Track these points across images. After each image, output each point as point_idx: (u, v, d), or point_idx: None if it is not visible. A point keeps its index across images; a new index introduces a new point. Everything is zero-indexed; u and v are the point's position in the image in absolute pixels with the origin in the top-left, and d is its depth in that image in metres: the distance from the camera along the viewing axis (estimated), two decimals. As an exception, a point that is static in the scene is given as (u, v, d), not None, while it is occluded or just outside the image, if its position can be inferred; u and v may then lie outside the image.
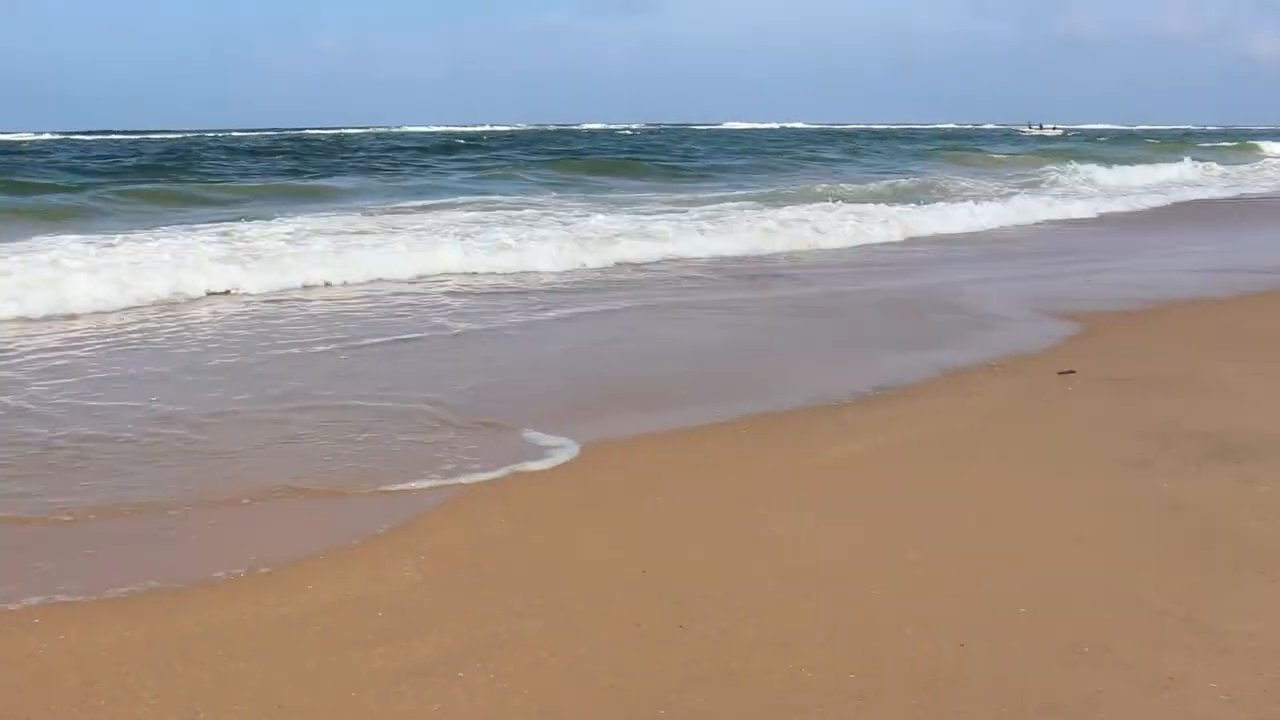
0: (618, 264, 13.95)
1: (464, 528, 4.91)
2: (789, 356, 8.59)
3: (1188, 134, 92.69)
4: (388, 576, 4.35)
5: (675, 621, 3.93)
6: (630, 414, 6.87)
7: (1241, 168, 38.56)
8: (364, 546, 4.68)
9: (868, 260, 14.81)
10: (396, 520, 4.99)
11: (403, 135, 77.64)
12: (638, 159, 38.45)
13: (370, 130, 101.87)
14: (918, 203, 20.99)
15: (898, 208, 19.57)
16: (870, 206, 19.57)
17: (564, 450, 6.03)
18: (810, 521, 4.89)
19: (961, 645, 3.68)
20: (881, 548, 4.56)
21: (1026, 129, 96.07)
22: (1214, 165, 36.30)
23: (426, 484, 5.48)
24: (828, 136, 72.61)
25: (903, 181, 28.16)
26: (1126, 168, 34.04)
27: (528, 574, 4.39)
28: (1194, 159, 36.59)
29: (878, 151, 47.72)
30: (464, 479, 5.55)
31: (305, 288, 11.93)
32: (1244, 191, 28.57)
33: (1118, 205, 23.23)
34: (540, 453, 5.99)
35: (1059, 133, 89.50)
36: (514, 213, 19.60)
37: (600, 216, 17.98)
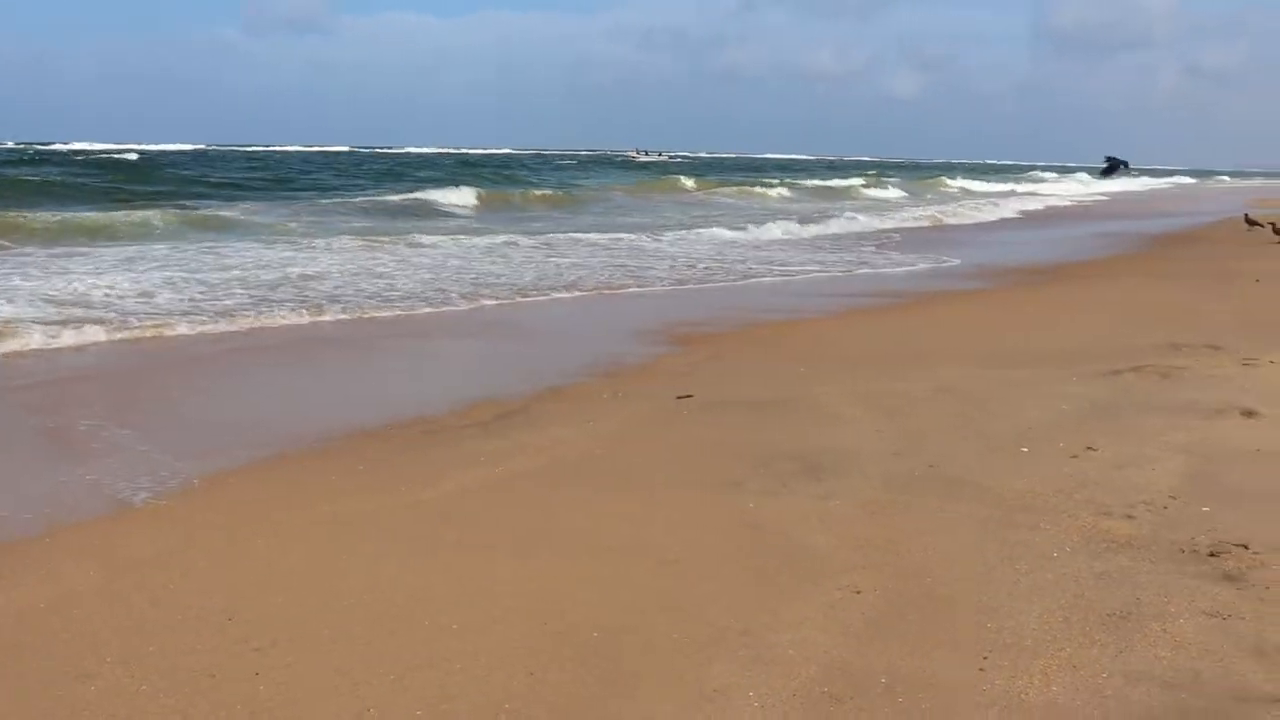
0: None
1: (47, 581, 4.67)
2: (407, 384, 8.65)
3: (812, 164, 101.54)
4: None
5: (253, 669, 3.89)
6: (240, 449, 6.74)
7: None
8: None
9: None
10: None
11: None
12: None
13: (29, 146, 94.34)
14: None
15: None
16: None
17: (168, 489, 5.83)
18: (408, 556, 4.95)
19: (531, 674, 3.84)
20: (474, 580, 4.67)
21: (635, 154, 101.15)
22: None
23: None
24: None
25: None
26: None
27: (108, 628, 4.22)
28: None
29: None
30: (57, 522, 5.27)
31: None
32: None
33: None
34: (141, 492, 5.77)
35: (663, 159, 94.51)
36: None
37: None
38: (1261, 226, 24.46)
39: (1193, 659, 3.89)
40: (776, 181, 53.31)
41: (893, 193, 52.97)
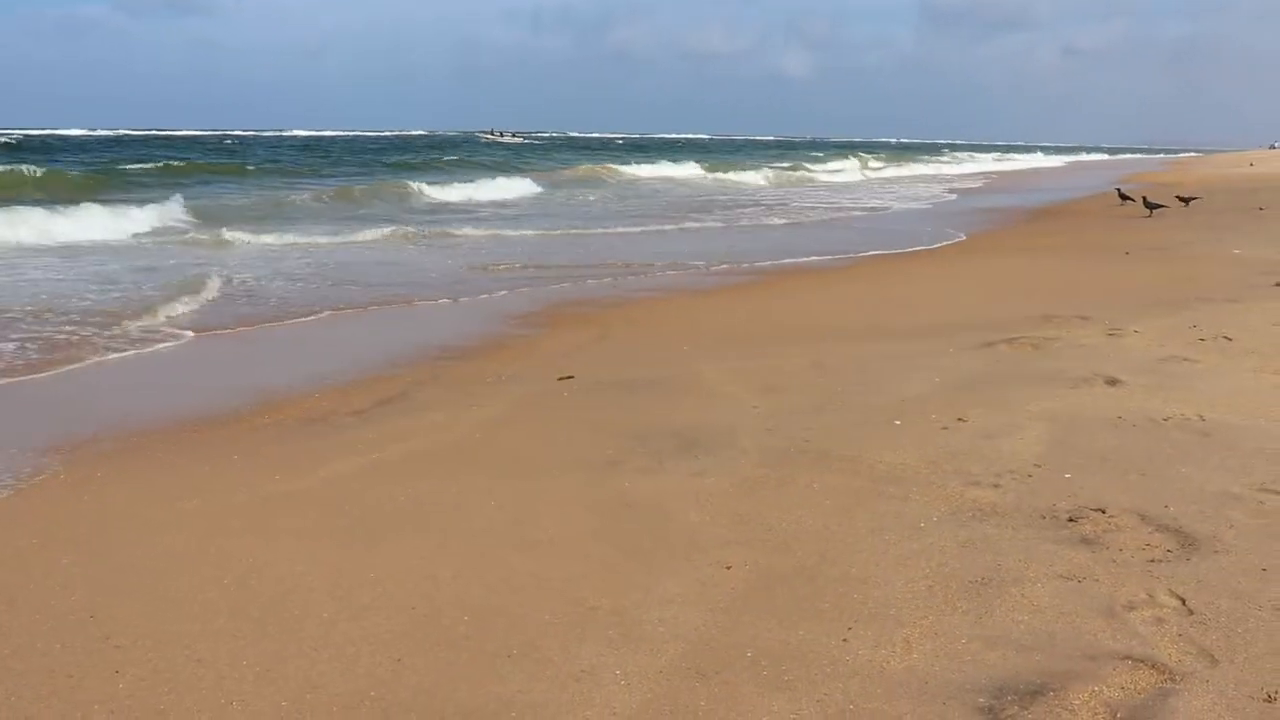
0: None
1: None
2: (279, 368, 8.50)
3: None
4: None
5: (112, 668, 3.80)
6: (110, 439, 6.57)
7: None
8: None
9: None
10: None
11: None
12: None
13: None
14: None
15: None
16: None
17: (28, 479, 5.66)
18: (281, 547, 4.87)
19: (399, 660, 3.81)
20: (348, 569, 4.62)
21: (489, 135, 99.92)
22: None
23: None
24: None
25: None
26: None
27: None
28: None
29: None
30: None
31: None
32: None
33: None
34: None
35: (518, 140, 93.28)
36: None
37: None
38: (1134, 200, 25.26)
39: (1048, 621, 4.01)
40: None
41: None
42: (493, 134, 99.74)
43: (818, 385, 7.71)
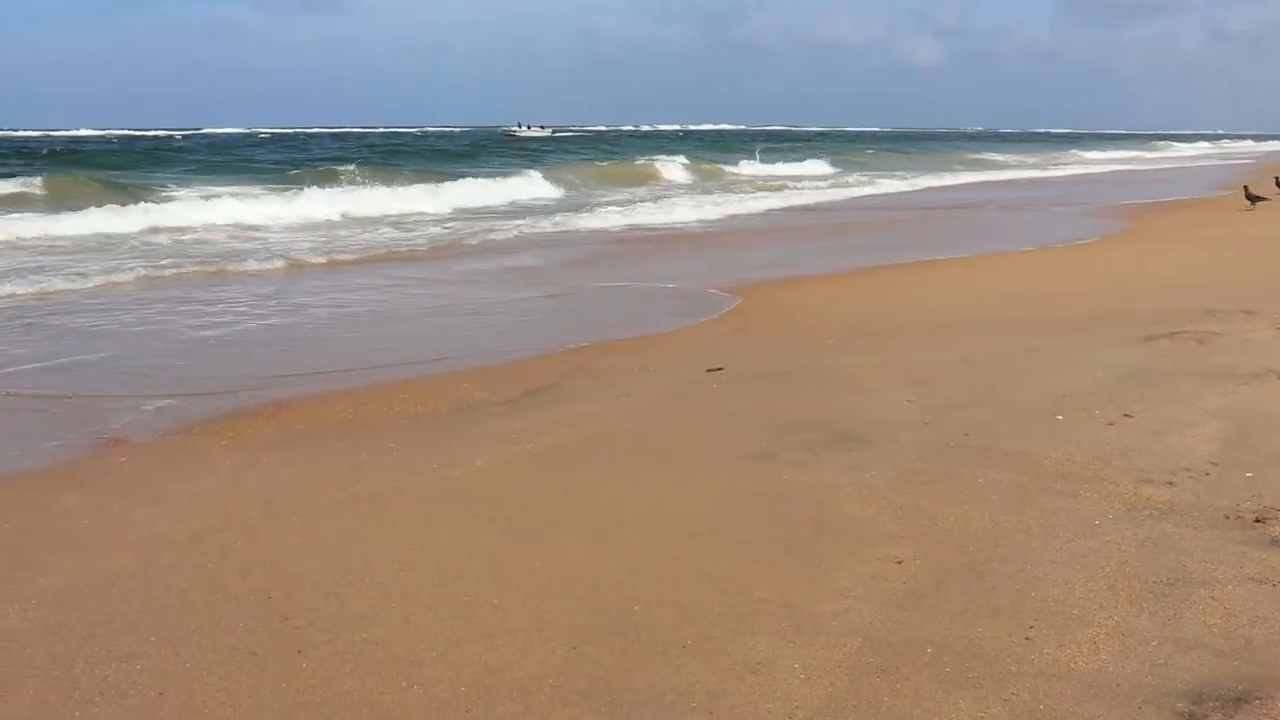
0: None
1: (77, 560, 4.67)
2: (428, 361, 8.62)
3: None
4: (-17, 624, 4.07)
5: (294, 647, 3.87)
6: (268, 423, 6.75)
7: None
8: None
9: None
10: None
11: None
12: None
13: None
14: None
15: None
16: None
17: (196, 473, 5.83)
18: (444, 534, 4.92)
19: (573, 648, 3.81)
20: (511, 556, 4.64)
21: (518, 129, 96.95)
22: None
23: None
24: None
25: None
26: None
27: (146, 609, 4.21)
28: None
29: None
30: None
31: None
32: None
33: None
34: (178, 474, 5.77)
35: (547, 133, 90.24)
36: None
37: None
38: (1266, 199, 23.44)
39: (1243, 626, 3.83)
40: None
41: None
42: (525, 127, 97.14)
43: (970, 379, 7.52)
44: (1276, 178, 26.73)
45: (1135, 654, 3.67)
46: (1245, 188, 22.80)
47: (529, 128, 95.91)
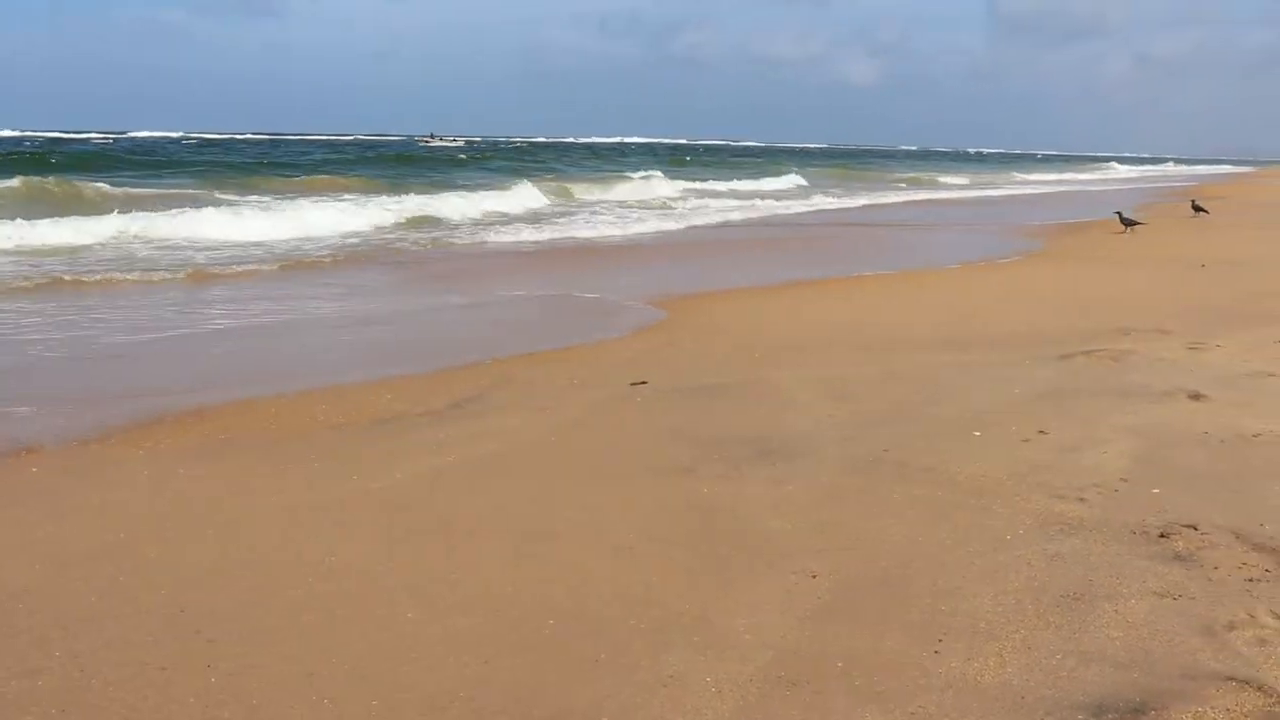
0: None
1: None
2: (348, 371, 8.55)
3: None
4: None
5: (204, 662, 3.83)
6: (188, 433, 6.66)
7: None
8: None
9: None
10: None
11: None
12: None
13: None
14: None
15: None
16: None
17: (112, 483, 5.74)
18: (363, 547, 4.89)
19: (486, 662, 3.81)
20: (430, 570, 4.63)
21: (429, 139, 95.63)
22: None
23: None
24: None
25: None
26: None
27: (54, 623, 4.14)
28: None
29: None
30: None
31: None
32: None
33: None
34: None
35: (458, 144, 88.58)
36: None
37: None
38: (1134, 223, 22.89)
39: (1144, 639, 3.93)
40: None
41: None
42: (435, 138, 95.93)
43: (893, 395, 7.63)
44: (1193, 201, 27.53)
45: (1040, 666, 3.75)
46: (1118, 213, 22.41)
47: (441, 139, 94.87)
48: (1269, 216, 25.91)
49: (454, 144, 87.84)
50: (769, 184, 47.33)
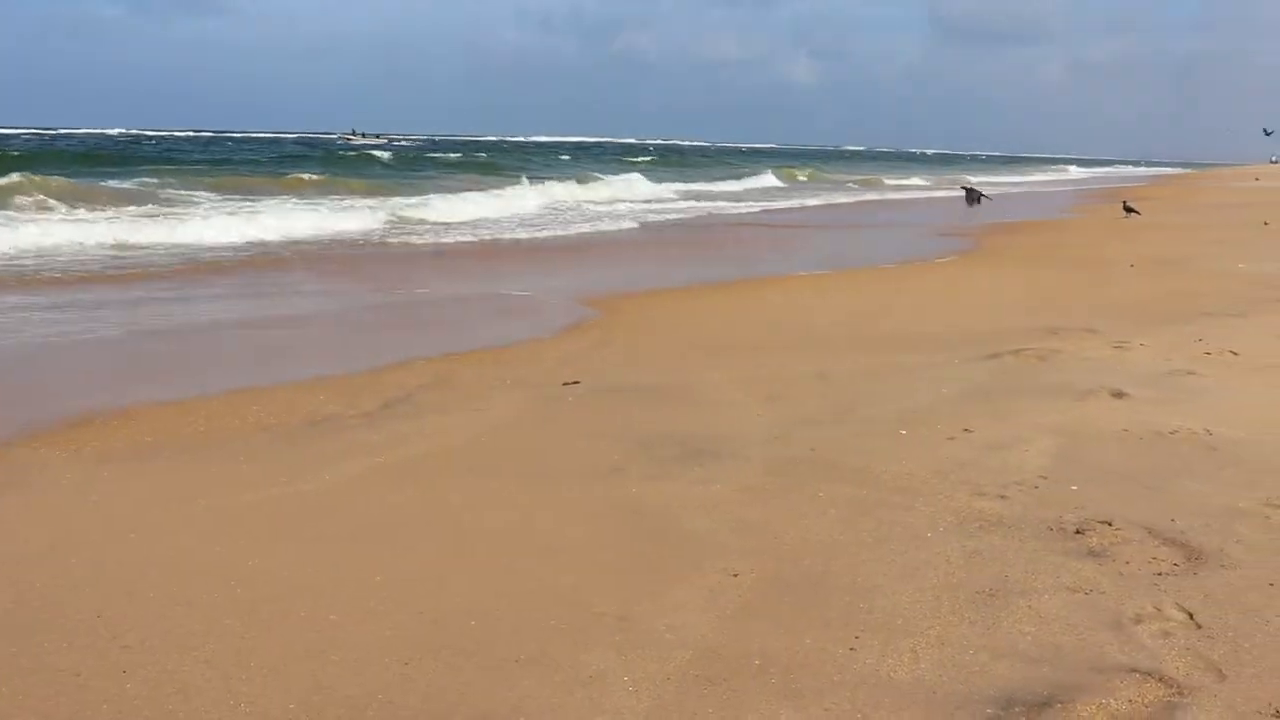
0: None
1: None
2: (280, 370, 8.50)
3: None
4: None
5: (120, 668, 3.80)
6: (115, 435, 6.59)
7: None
8: None
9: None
10: None
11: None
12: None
13: None
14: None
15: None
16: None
17: (34, 486, 5.67)
18: (289, 549, 4.87)
19: (406, 664, 3.82)
20: (354, 571, 4.62)
21: (351, 136, 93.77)
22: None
23: None
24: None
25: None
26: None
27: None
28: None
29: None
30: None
31: None
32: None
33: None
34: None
35: (382, 141, 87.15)
36: None
37: None
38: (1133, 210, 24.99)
39: (1055, 633, 4.02)
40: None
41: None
42: (357, 135, 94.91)
43: (823, 394, 7.72)
44: (1125, 202, 28.06)
45: (953, 662, 3.82)
46: (1124, 203, 23.75)
47: (362, 135, 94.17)
48: (1198, 218, 26.44)
49: (377, 141, 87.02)
50: (750, 183, 48.06)
